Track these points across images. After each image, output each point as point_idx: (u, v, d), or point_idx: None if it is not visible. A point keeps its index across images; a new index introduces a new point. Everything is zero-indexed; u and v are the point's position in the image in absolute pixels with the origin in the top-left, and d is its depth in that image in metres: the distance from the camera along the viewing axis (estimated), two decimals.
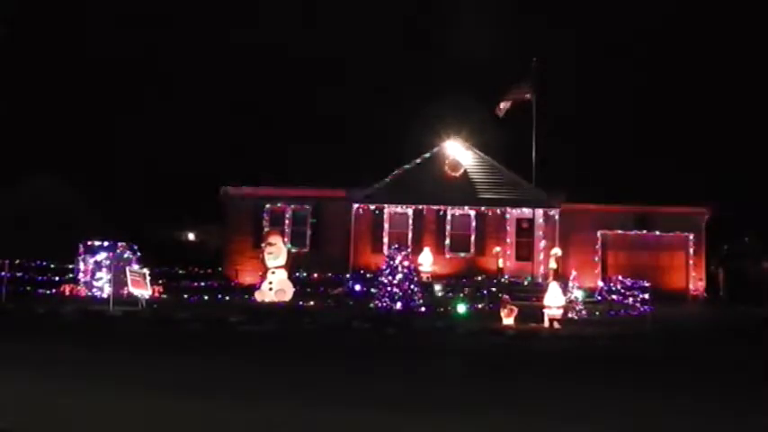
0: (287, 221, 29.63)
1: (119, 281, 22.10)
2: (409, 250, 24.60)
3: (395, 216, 29.57)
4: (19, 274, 23.72)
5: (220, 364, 12.38)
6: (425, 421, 8.54)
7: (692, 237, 29.36)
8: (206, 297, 24.31)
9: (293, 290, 24.23)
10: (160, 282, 24.57)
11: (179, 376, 10.94)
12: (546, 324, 19.36)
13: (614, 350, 15.90)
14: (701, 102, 41.70)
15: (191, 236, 41.77)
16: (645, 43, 45.60)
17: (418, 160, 29.26)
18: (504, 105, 28.94)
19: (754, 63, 45.62)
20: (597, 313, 23.03)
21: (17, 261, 23.55)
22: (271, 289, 23.83)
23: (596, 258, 29.38)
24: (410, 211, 29.39)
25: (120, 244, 24.41)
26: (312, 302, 23.68)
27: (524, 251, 29.51)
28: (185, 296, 24.11)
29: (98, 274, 23.85)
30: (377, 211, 29.23)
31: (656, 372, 12.93)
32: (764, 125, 40.42)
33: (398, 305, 21.91)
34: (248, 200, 29.87)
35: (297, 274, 25.75)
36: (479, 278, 27.13)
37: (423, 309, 22.04)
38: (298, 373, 11.53)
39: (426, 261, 27.13)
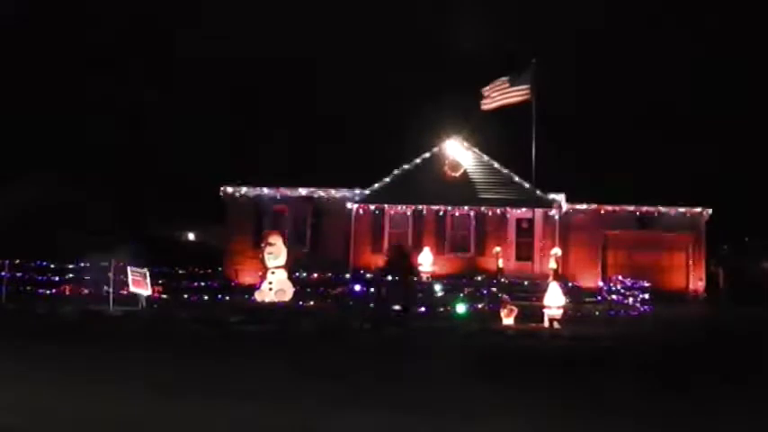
0: (287, 221, 29.63)
1: (119, 281, 22.12)
2: (409, 250, 24.56)
3: (395, 216, 29.57)
4: (19, 275, 23.75)
5: (220, 364, 12.38)
6: (425, 423, 8.54)
7: (692, 237, 29.35)
8: (206, 297, 24.34)
9: (293, 290, 24.28)
10: (160, 282, 24.57)
11: (179, 376, 10.94)
12: (546, 324, 19.38)
13: (614, 350, 15.90)
14: (701, 102, 41.72)
15: (191, 236, 41.73)
16: (645, 43, 45.61)
17: (418, 160, 29.26)
18: (501, 99, 28.71)
19: (755, 63, 45.63)
20: (597, 313, 23.05)
21: (17, 261, 23.56)
22: (271, 289, 23.88)
23: (596, 258, 29.37)
24: (410, 211, 29.38)
25: (120, 244, 24.40)
26: (312, 302, 23.70)
27: (524, 251, 29.50)
28: (185, 296, 24.14)
29: (98, 274, 23.85)
30: (377, 211, 29.23)
31: (655, 372, 12.92)
32: (764, 125, 40.42)
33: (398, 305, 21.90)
34: (248, 200, 29.88)
35: (297, 274, 25.76)
36: (479, 278, 27.12)
37: (423, 309, 22.04)
38: (297, 374, 11.52)
39: (426, 261, 27.12)
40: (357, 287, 25.47)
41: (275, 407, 9.02)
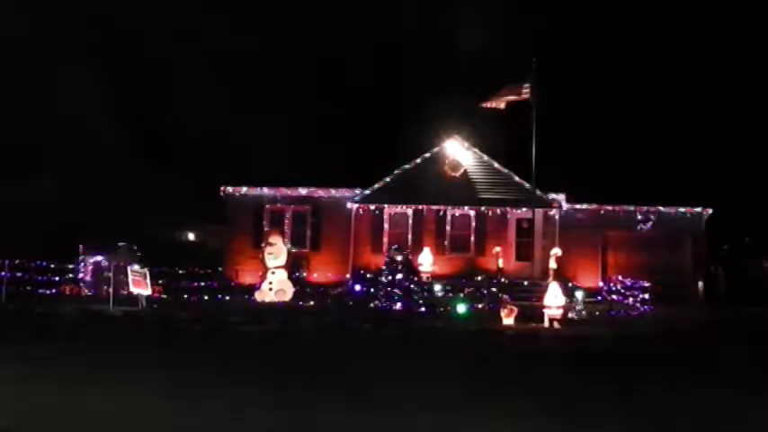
0: (287, 221, 29.61)
1: (119, 281, 22.14)
2: (409, 250, 24.57)
3: (395, 216, 29.57)
4: (19, 274, 23.77)
5: (219, 364, 12.39)
6: (425, 423, 8.54)
7: (691, 237, 29.35)
8: (206, 297, 24.36)
9: (293, 290, 24.31)
10: (160, 282, 24.60)
11: (178, 378, 10.93)
12: (546, 324, 19.38)
13: (614, 350, 15.90)
14: (702, 102, 41.72)
15: (191, 236, 41.75)
16: (646, 43, 45.63)
17: (418, 160, 29.26)
18: (502, 98, 28.63)
19: (755, 63, 45.67)
20: (597, 313, 23.06)
21: (17, 261, 23.57)
22: (271, 289, 23.92)
23: (596, 258, 29.36)
24: (410, 211, 29.38)
25: (120, 244, 24.44)
26: (312, 302, 23.71)
27: (524, 251, 29.53)
28: (185, 296, 24.16)
29: (98, 275, 23.87)
30: (377, 211, 29.23)
31: (655, 372, 12.92)
32: (764, 125, 40.45)
33: (398, 305, 21.93)
34: (248, 200, 29.89)
35: (297, 274, 25.78)
36: (479, 278, 27.14)
37: (423, 309, 22.06)
38: (297, 374, 11.53)
39: (426, 261, 27.13)
40: (357, 287, 25.49)
41: (275, 407, 9.02)
